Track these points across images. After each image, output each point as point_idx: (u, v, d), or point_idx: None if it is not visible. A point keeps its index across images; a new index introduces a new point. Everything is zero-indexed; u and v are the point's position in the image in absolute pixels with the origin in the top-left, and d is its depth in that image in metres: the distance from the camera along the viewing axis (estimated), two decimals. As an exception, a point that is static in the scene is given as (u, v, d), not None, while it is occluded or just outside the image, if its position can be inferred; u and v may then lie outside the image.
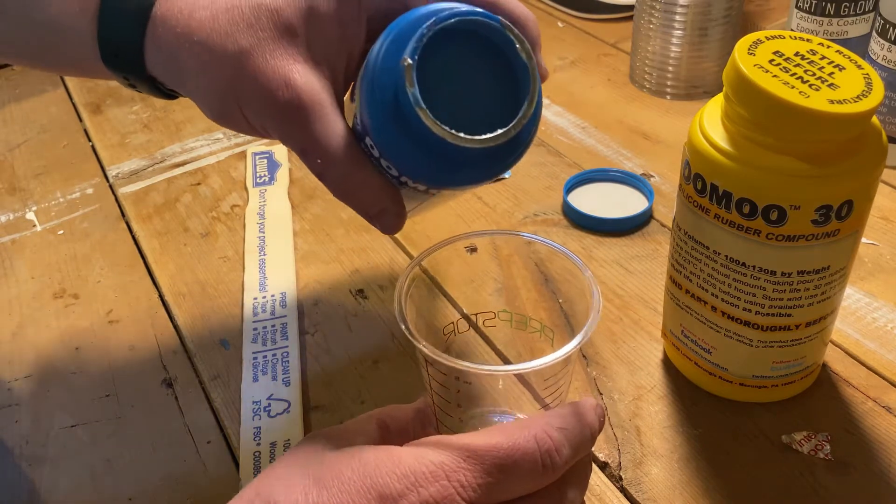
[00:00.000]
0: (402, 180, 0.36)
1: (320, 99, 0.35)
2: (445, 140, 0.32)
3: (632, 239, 0.58)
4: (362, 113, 0.34)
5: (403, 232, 0.60)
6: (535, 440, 0.31)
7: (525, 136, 0.35)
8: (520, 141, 0.35)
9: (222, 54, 0.35)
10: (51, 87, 0.85)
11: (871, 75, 0.37)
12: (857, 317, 0.50)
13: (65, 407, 0.48)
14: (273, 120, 0.35)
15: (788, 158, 0.36)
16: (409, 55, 0.31)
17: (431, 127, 0.31)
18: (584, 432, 0.33)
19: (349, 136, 0.35)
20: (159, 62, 0.36)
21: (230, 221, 0.63)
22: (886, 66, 0.58)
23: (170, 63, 0.36)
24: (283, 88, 0.34)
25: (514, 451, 0.31)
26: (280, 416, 0.46)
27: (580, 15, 0.90)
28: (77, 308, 0.56)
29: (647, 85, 0.76)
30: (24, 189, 0.69)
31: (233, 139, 0.73)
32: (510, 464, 0.31)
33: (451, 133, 0.32)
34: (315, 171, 0.36)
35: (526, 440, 0.31)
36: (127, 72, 0.37)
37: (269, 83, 0.34)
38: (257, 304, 0.54)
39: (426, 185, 0.36)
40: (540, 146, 0.69)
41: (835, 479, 0.41)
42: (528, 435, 0.31)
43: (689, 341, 0.45)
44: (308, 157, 0.36)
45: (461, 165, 0.34)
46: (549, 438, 0.32)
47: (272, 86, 0.34)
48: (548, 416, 0.33)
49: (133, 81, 0.38)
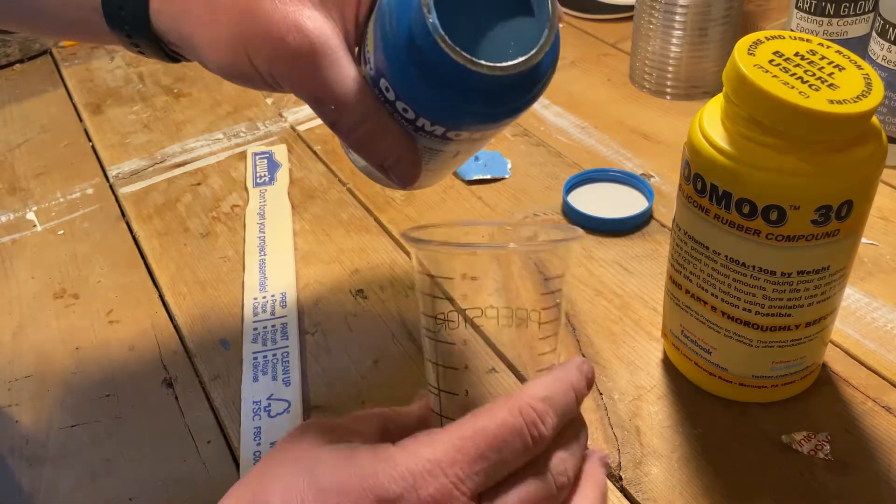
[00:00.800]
0: (419, 124, 0.35)
1: (332, 43, 0.34)
2: (464, 69, 0.31)
3: (632, 239, 0.58)
4: (376, 53, 0.33)
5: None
6: (521, 414, 0.31)
7: (544, 70, 0.34)
8: (538, 75, 0.34)
9: (231, 2, 0.34)
10: (51, 87, 0.85)
11: (871, 75, 0.37)
12: (857, 317, 0.50)
13: (65, 407, 0.48)
14: (283, 67, 0.34)
15: (788, 158, 0.36)
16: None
17: (451, 53, 0.30)
18: (567, 396, 0.33)
19: (362, 81, 0.35)
20: (165, 16, 0.36)
21: (230, 221, 0.63)
22: (886, 66, 0.58)
23: (177, 17, 0.35)
24: (294, 33, 0.33)
25: (501, 430, 0.31)
26: (280, 416, 0.46)
27: (580, 15, 0.90)
28: (77, 308, 0.56)
29: (647, 85, 0.76)
30: (25, 189, 0.69)
31: (233, 139, 0.73)
32: (500, 444, 0.31)
33: (472, 60, 0.31)
34: (327, 121, 0.36)
35: (511, 415, 0.31)
36: (131, 28, 0.37)
37: (278, 29, 0.34)
38: (257, 304, 0.54)
39: (443, 127, 0.34)
40: (540, 146, 0.69)
41: (835, 479, 0.41)
42: (512, 410, 0.31)
43: (689, 341, 0.45)
44: (320, 104, 0.35)
45: (479, 100, 0.33)
46: (531, 410, 0.31)
47: (282, 31, 0.33)
48: (531, 387, 0.32)
49: (136, 40, 0.37)
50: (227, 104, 0.79)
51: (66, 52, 0.92)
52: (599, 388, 0.47)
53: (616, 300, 0.53)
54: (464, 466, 0.30)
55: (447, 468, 0.30)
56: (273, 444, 0.44)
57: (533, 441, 0.31)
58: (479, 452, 0.30)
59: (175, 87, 0.83)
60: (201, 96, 0.81)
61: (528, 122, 0.72)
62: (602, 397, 0.46)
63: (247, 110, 0.77)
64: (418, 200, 0.63)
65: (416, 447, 0.31)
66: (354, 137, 0.36)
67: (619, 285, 0.54)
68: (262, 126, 0.75)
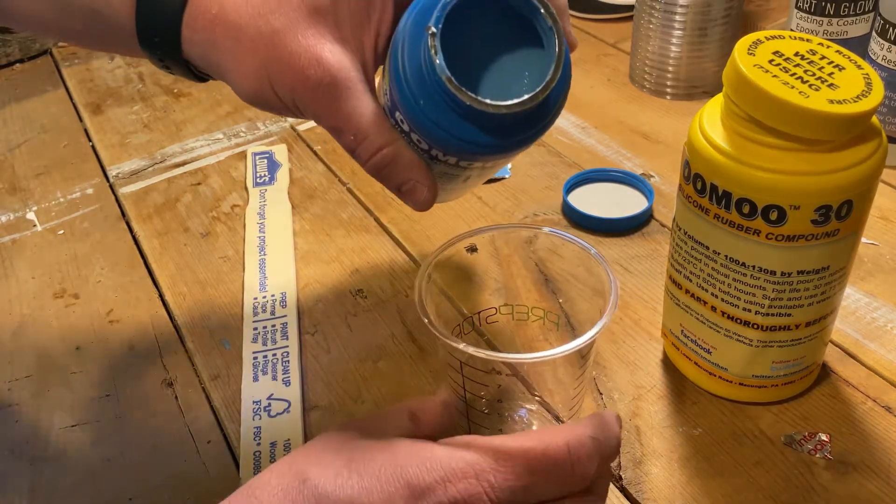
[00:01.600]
0: (433, 154, 0.36)
1: (350, 76, 0.35)
2: (472, 107, 0.32)
3: (632, 239, 0.58)
4: (391, 87, 0.34)
5: (403, 232, 0.60)
6: (568, 447, 0.32)
7: (553, 102, 0.35)
8: (548, 107, 0.34)
9: (256, 35, 0.35)
10: (51, 87, 0.85)
11: (871, 75, 0.37)
12: (857, 317, 0.50)
13: (65, 407, 0.48)
14: (305, 98, 0.36)
15: (788, 158, 0.36)
16: (433, 24, 0.31)
17: (457, 94, 0.31)
18: (611, 443, 0.33)
19: (380, 112, 0.36)
20: (195, 45, 0.37)
21: (230, 221, 0.63)
22: (886, 66, 0.58)
23: (206, 46, 0.37)
24: (315, 66, 0.35)
25: (545, 456, 0.31)
26: (280, 415, 0.46)
27: (580, 15, 0.90)
28: (77, 308, 0.56)
29: (647, 85, 0.76)
30: (25, 189, 0.69)
31: (233, 139, 0.73)
32: (541, 468, 0.31)
33: (477, 99, 0.32)
34: (348, 148, 0.37)
35: (558, 447, 0.31)
36: (163, 54, 0.38)
37: (300, 61, 0.35)
38: (257, 304, 0.54)
39: (456, 157, 0.36)
40: (540, 146, 0.69)
41: (835, 479, 0.41)
42: (560, 441, 0.32)
43: (689, 341, 0.45)
44: (340, 134, 0.37)
45: (489, 134, 0.34)
46: (581, 446, 0.32)
47: (303, 63, 0.35)
48: (581, 425, 0.33)
49: (168, 63, 0.39)
50: (227, 104, 0.79)
51: (66, 52, 0.92)
52: (599, 388, 0.47)
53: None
54: (497, 476, 0.30)
55: (481, 472, 0.30)
56: (273, 443, 0.44)
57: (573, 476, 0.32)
58: (516, 469, 0.31)
59: (175, 86, 0.83)
60: (201, 96, 0.81)
61: (528, 122, 0.72)
62: (602, 397, 0.46)
63: (247, 110, 0.77)
64: (418, 200, 0.63)
65: (456, 448, 0.31)
66: (372, 164, 0.37)
67: (620, 285, 0.54)
68: (262, 126, 0.75)
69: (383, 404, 0.47)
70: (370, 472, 0.31)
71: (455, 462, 0.31)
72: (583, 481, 0.32)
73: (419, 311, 0.37)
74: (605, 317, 0.36)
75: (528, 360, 0.37)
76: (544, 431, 0.32)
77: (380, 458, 0.31)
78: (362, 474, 0.31)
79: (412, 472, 0.30)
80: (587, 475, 0.32)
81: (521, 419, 0.44)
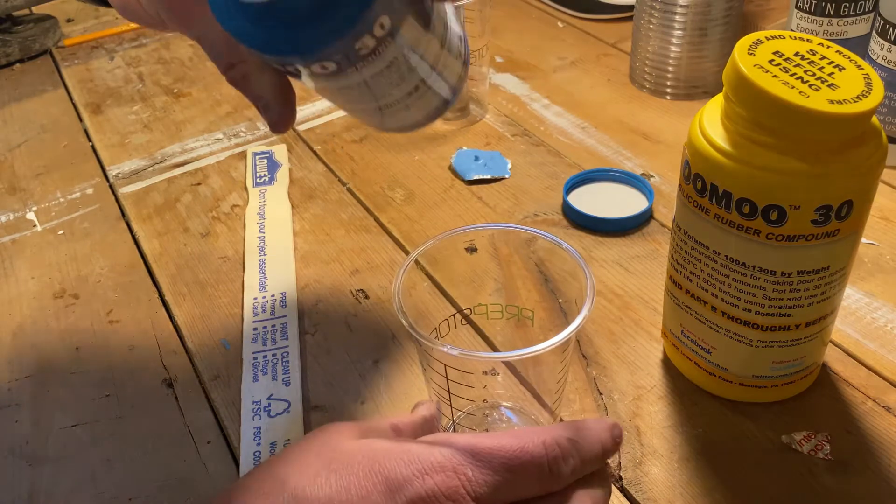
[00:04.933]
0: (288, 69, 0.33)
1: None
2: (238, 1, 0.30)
3: (632, 239, 0.58)
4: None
5: (404, 231, 0.60)
6: (544, 446, 0.32)
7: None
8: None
9: None
10: (51, 87, 0.85)
11: (871, 75, 0.37)
12: (857, 317, 0.50)
13: (65, 407, 0.48)
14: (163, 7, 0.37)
15: (788, 158, 0.36)
16: None
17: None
18: (593, 447, 0.33)
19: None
20: None
21: (230, 221, 0.63)
22: (886, 66, 0.58)
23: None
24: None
25: (522, 453, 0.31)
26: (280, 415, 0.46)
27: (580, 15, 0.90)
28: (77, 308, 0.56)
29: (647, 85, 0.76)
30: (24, 189, 0.69)
31: (233, 139, 0.73)
32: (517, 465, 0.31)
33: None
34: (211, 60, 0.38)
35: (535, 445, 0.32)
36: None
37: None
38: (257, 304, 0.54)
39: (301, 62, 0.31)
40: (540, 146, 0.69)
41: (835, 479, 0.41)
42: (537, 440, 0.32)
43: (689, 341, 0.45)
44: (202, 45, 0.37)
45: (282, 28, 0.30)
46: (557, 447, 0.32)
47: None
48: (559, 427, 0.33)
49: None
50: (227, 104, 0.79)
51: (66, 52, 0.92)
52: (599, 388, 0.47)
53: (616, 300, 0.53)
54: (474, 470, 0.31)
55: (458, 466, 0.31)
56: (273, 444, 0.44)
57: (550, 474, 0.32)
58: (493, 465, 0.31)
59: (175, 86, 0.83)
60: (201, 96, 0.81)
61: (528, 122, 0.72)
62: (602, 397, 0.46)
63: (247, 110, 0.77)
64: (418, 201, 0.63)
65: (434, 443, 0.32)
66: (229, 79, 0.37)
67: (619, 285, 0.54)
68: (262, 126, 0.75)
69: (383, 404, 0.47)
70: (348, 471, 0.31)
71: (433, 456, 0.31)
72: (559, 481, 0.32)
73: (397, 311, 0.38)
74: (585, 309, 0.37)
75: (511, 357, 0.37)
76: (523, 431, 0.33)
77: (358, 456, 0.31)
78: (340, 473, 0.31)
79: (389, 467, 0.31)
80: (563, 475, 0.32)
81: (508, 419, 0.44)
